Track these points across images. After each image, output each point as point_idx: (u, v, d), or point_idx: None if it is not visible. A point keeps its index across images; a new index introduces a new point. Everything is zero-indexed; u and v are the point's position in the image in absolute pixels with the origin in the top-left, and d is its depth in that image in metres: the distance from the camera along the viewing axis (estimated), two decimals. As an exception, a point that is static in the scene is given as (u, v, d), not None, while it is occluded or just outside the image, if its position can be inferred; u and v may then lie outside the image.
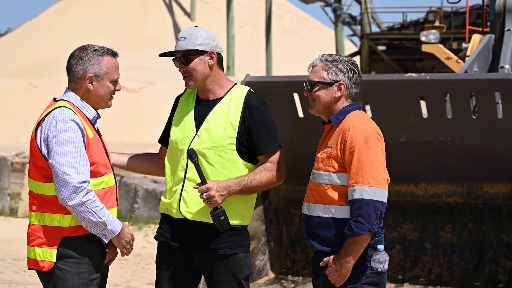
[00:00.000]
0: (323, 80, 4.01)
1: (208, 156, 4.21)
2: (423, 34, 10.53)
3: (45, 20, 49.92)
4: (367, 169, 3.87)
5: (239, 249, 4.27)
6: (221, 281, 4.26)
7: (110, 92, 4.14)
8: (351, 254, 3.88)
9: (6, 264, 9.08)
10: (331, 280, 3.94)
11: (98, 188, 4.05)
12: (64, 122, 3.97)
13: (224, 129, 4.21)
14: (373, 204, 3.86)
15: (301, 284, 7.46)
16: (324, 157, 3.99)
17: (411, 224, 7.47)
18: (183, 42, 4.26)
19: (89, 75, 4.07)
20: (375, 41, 24.32)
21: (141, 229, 11.35)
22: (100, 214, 3.97)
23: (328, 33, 55.15)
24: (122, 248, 4.12)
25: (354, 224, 3.85)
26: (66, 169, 3.91)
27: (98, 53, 4.10)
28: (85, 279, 4.03)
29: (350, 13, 33.65)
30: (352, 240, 3.87)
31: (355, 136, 3.90)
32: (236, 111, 4.24)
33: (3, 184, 12.91)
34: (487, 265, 7.25)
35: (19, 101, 35.43)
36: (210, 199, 4.09)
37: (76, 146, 3.95)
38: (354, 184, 3.88)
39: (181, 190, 4.24)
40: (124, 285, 8.32)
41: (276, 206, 7.74)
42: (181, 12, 50.60)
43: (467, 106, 6.98)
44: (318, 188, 4.00)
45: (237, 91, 4.32)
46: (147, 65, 40.11)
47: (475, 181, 7.23)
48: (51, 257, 4.01)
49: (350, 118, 3.99)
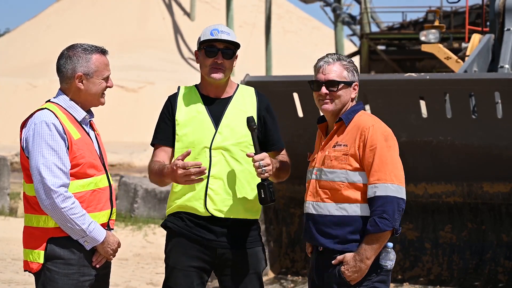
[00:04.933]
0: (344, 80, 4.06)
1: (234, 152, 4.24)
2: (423, 33, 10.54)
3: (44, 20, 49.90)
4: (389, 166, 3.93)
5: (258, 242, 4.34)
6: (242, 275, 4.28)
7: (102, 89, 4.11)
8: (373, 251, 3.91)
9: (6, 264, 9.07)
10: (348, 277, 3.94)
11: (86, 190, 4.00)
12: (41, 125, 3.95)
13: (245, 126, 4.23)
14: (396, 201, 3.90)
15: (301, 284, 7.46)
16: (339, 155, 4.00)
17: (411, 224, 7.47)
18: (229, 36, 4.25)
19: (78, 74, 4.04)
20: (375, 41, 24.32)
21: (140, 229, 11.34)
22: (78, 222, 3.92)
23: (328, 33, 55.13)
24: (108, 256, 4.08)
25: (380, 221, 3.88)
26: (42, 171, 3.90)
27: (87, 51, 4.07)
28: (75, 280, 3.99)
29: (350, 13, 33.63)
30: (374, 237, 3.90)
31: (375, 134, 3.96)
32: (253, 108, 4.30)
33: (3, 184, 12.90)
34: (486, 265, 7.25)
35: (19, 101, 35.43)
36: (265, 167, 4.09)
37: (53, 149, 3.92)
38: (376, 182, 3.91)
39: (206, 188, 4.23)
40: (124, 285, 8.31)
41: (276, 206, 7.74)
42: (181, 12, 50.58)
43: (466, 106, 6.98)
44: (330, 186, 4.01)
45: (246, 90, 4.40)
46: (147, 65, 40.11)
47: (475, 181, 7.23)
48: (39, 258, 3.98)
49: (363, 117, 4.06)
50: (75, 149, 3.99)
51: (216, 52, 4.24)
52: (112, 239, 4.07)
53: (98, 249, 4.04)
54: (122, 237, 10.78)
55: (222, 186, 4.23)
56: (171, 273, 4.32)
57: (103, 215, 4.08)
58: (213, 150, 4.24)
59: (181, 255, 4.29)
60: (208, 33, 4.26)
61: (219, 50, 4.24)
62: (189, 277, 4.28)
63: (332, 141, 4.09)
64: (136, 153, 24.82)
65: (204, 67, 4.29)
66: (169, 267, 4.34)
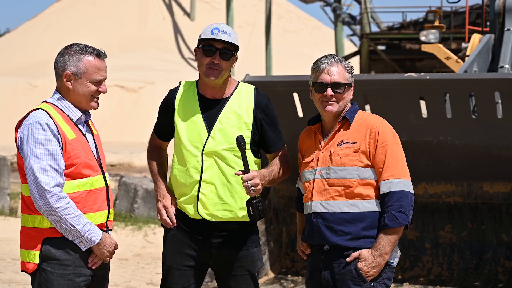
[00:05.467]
0: (348, 82, 4.13)
1: (226, 157, 4.22)
2: (423, 33, 10.53)
3: (44, 20, 49.88)
4: (400, 163, 4.02)
5: (253, 243, 4.34)
6: (236, 276, 4.29)
7: (91, 92, 4.06)
8: (391, 245, 3.98)
9: (6, 264, 9.07)
10: (367, 273, 3.97)
11: (81, 190, 3.99)
12: (35, 125, 3.94)
13: (239, 129, 4.22)
14: (410, 197, 4.00)
15: (301, 284, 7.46)
16: (349, 152, 4.04)
17: (411, 224, 7.47)
18: (229, 37, 4.20)
19: (67, 73, 4.03)
20: (375, 41, 24.32)
21: (140, 229, 11.34)
22: (73, 222, 3.91)
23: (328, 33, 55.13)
24: (105, 257, 4.06)
25: (399, 215, 3.95)
26: (36, 171, 3.89)
27: (81, 52, 4.05)
28: (70, 280, 3.98)
29: (350, 13, 33.64)
30: (393, 231, 3.96)
31: (385, 131, 4.04)
32: (248, 111, 4.26)
33: (3, 184, 12.90)
34: (486, 265, 7.25)
35: (19, 101, 35.41)
36: (254, 187, 4.09)
37: (47, 149, 3.91)
38: (390, 177, 3.98)
39: (198, 192, 4.23)
40: (123, 285, 8.31)
41: (276, 206, 7.74)
42: (181, 12, 50.56)
43: (466, 106, 6.98)
44: (341, 184, 4.04)
45: (244, 90, 4.33)
46: (147, 65, 40.08)
47: (475, 181, 7.23)
48: (34, 258, 3.98)
49: (367, 115, 4.15)
50: (69, 149, 3.97)
51: (214, 51, 4.20)
52: (109, 240, 4.06)
53: (94, 251, 4.03)
54: (122, 237, 10.78)
55: (214, 191, 4.23)
56: (167, 273, 4.33)
57: (100, 216, 4.07)
58: (205, 155, 4.22)
59: (177, 255, 4.30)
60: (208, 31, 4.21)
61: (217, 50, 4.20)
62: (185, 276, 4.29)
63: (336, 139, 4.11)
64: (136, 153, 24.79)
65: (201, 66, 4.25)
66: (165, 266, 4.35)
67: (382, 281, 4.02)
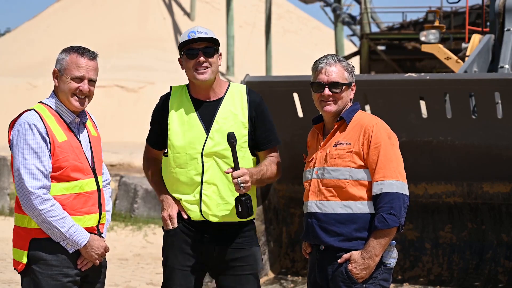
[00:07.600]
0: (346, 81, 4.10)
1: (226, 156, 4.24)
2: (423, 34, 10.53)
3: (44, 20, 49.88)
4: (394, 164, 3.97)
5: (254, 243, 4.37)
6: (239, 275, 4.31)
7: (70, 89, 4.03)
8: (381, 247, 3.94)
9: (6, 264, 9.07)
10: (356, 275, 3.96)
11: (69, 193, 3.98)
12: (25, 126, 3.95)
13: (237, 129, 4.23)
14: (402, 198, 3.95)
15: (301, 284, 7.46)
16: (342, 153, 4.02)
17: (411, 224, 7.47)
18: (206, 35, 4.25)
19: (54, 70, 4.06)
20: (375, 41, 24.32)
21: (140, 229, 11.34)
22: (57, 225, 3.90)
23: (328, 33, 55.12)
24: (94, 260, 4.05)
25: (388, 217, 3.91)
26: (22, 172, 3.89)
27: (71, 50, 4.06)
28: (58, 281, 3.97)
29: (350, 13, 33.62)
30: (383, 233, 3.92)
31: (379, 132, 4.00)
32: (243, 110, 4.29)
33: (3, 184, 12.90)
34: (486, 265, 7.25)
35: (19, 101, 35.41)
36: (244, 184, 4.11)
37: (34, 150, 3.90)
38: (382, 178, 3.95)
39: (200, 194, 4.25)
40: (123, 285, 8.31)
41: (276, 206, 7.74)
42: (181, 12, 50.56)
43: (466, 106, 6.99)
44: (334, 184, 4.03)
45: (236, 90, 4.36)
46: (147, 65, 40.07)
47: (475, 181, 7.24)
48: (23, 258, 4.01)
49: (364, 116, 4.11)
50: (58, 152, 3.95)
51: (197, 52, 4.24)
52: (98, 243, 4.03)
53: (82, 253, 4.01)
54: (122, 237, 10.79)
55: (216, 191, 4.25)
56: (169, 273, 4.33)
57: (89, 219, 4.04)
58: (205, 156, 4.24)
59: (179, 255, 4.31)
60: (185, 36, 4.29)
61: (199, 50, 4.24)
62: (187, 276, 4.30)
63: (333, 140, 4.10)
64: (136, 153, 24.78)
65: (188, 70, 4.29)
66: (167, 267, 4.35)
67: (376, 282, 3.99)
